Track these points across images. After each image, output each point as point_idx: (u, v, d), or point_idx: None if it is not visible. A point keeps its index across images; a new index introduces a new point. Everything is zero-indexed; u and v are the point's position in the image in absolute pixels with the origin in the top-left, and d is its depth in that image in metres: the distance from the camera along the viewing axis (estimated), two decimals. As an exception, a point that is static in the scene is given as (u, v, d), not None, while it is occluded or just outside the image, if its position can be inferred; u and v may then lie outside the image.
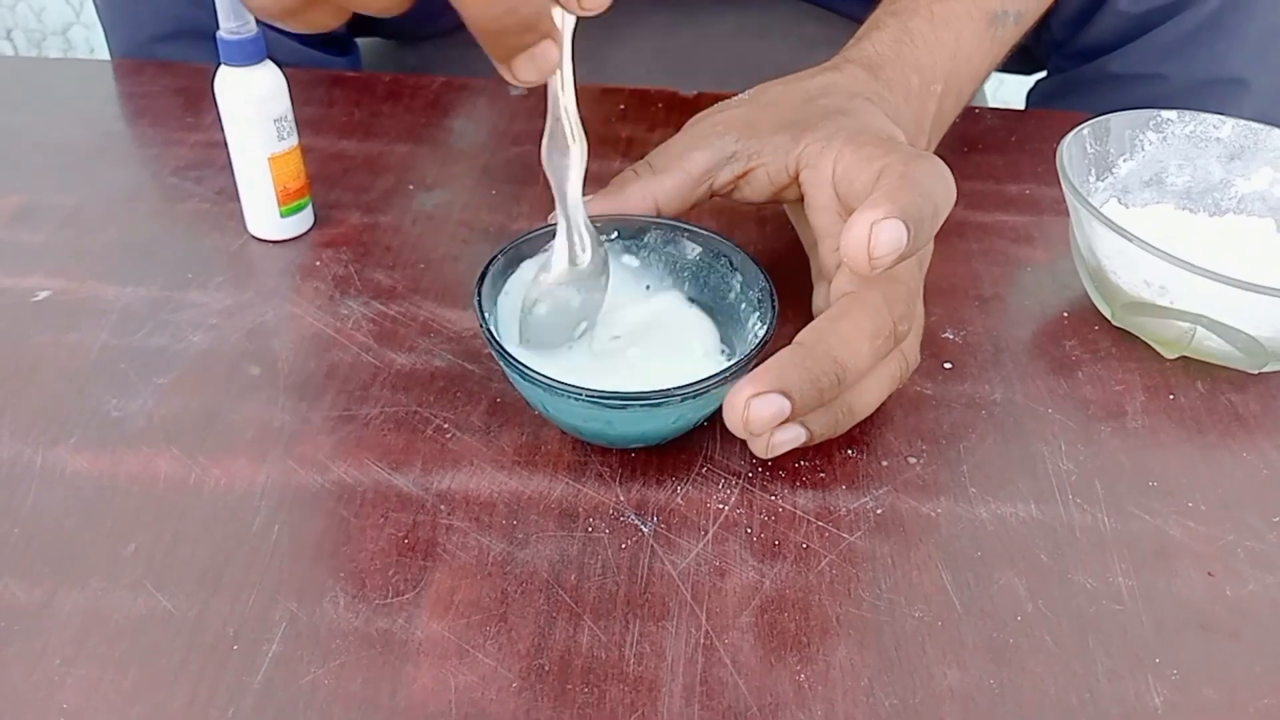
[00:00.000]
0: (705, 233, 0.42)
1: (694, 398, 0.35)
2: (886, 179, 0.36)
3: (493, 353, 0.37)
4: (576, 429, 0.38)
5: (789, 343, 0.35)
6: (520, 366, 0.35)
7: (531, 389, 0.36)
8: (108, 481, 0.38)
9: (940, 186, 0.36)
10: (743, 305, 0.41)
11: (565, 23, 0.33)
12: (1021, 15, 0.52)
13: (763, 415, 0.34)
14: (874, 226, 0.33)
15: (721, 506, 0.38)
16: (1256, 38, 0.60)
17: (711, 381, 0.35)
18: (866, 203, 0.34)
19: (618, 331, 0.41)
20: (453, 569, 0.35)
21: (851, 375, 0.35)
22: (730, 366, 0.36)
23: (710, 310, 0.42)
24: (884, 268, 0.34)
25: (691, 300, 0.43)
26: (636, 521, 0.37)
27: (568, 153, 0.36)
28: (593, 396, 0.35)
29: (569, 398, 0.35)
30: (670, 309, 0.42)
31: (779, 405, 0.34)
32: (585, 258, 0.39)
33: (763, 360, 0.35)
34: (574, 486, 0.38)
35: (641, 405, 0.35)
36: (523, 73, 0.31)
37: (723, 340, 0.41)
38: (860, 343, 0.35)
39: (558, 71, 0.34)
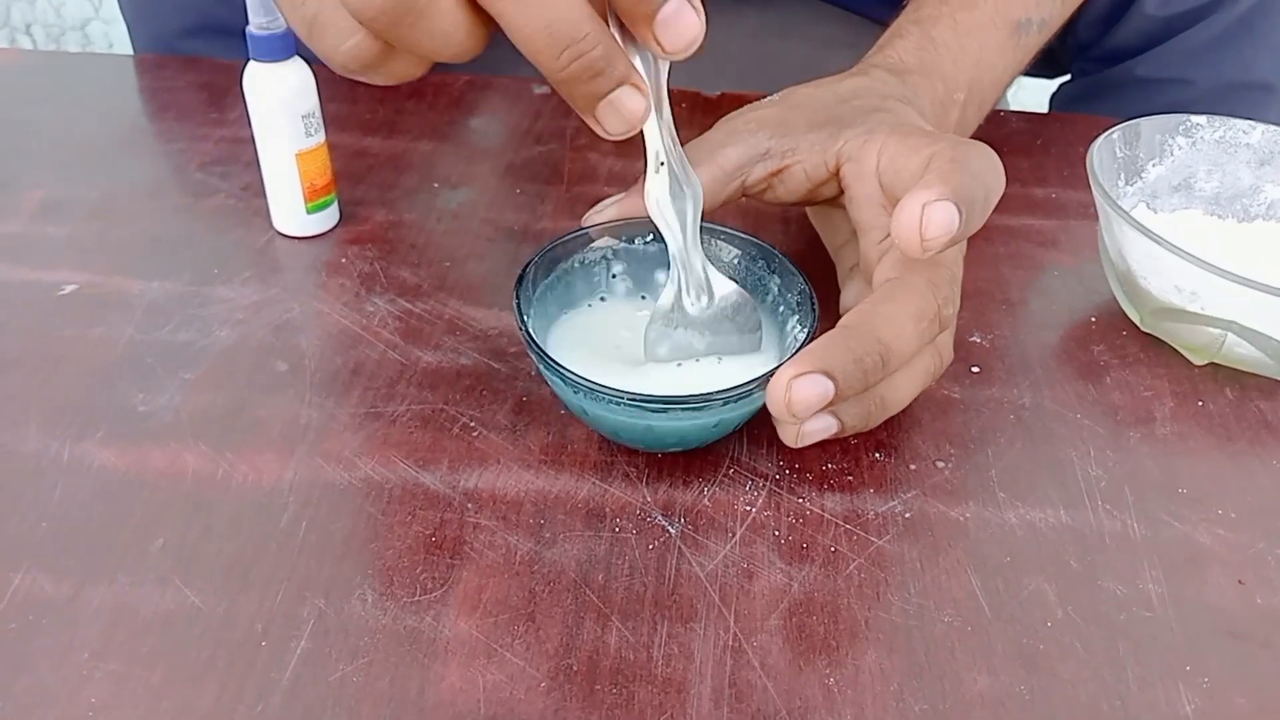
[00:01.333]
0: (742, 235, 0.42)
1: (735, 401, 0.35)
2: (937, 163, 0.36)
3: (532, 356, 0.37)
4: (615, 432, 0.38)
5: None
6: (562, 370, 0.35)
7: (572, 393, 0.36)
8: (135, 476, 0.38)
9: (990, 171, 0.36)
10: (781, 308, 0.40)
11: (659, 68, 0.32)
12: (1045, 23, 0.52)
13: (806, 396, 0.33)
14: (926, 208, 0.33)
15: (749, 508, 0.38)
16: (1285, 43, 0.60)
17: (752, 384, 0.35)
18: (918, 184, 0.34)
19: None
20: (480, 568, 0.35)
21: (895, 358, 0.35)
22: (771, 370, 0.36)
23: None
24: (936, 250, 0.33)
25: None
26: (663, 522, 0.37)
27: (683, 198, 0.36)
28: (634, 400, 0.35)
29: (610, 401, 0.35)
30: None
31: (823, 386, 0.33)
32: (699, 306, 0.38)
33: None
34: (600, 486, 0.38)
35: (683, 409, 0.35)
36: (608, 123, 0.30)
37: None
38: (905, 324, 0.35)
39: (651, 119, 0.33)
